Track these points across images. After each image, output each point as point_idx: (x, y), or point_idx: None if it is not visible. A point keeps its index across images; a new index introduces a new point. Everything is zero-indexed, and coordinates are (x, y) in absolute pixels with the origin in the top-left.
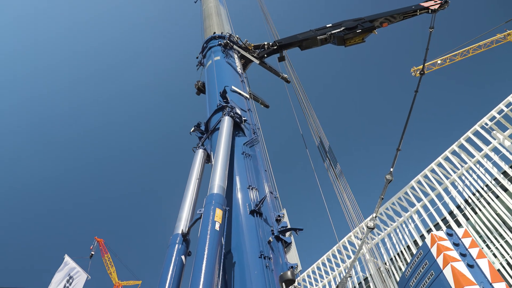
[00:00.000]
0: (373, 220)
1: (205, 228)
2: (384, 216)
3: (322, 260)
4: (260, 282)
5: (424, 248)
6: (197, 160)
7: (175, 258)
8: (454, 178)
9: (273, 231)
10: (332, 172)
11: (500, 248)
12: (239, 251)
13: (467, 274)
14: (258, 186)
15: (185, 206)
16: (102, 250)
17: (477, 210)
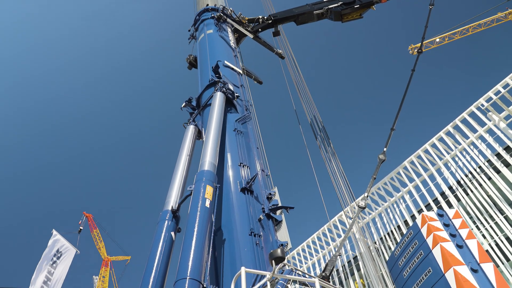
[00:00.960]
0: (365, 199)
1: (195, 205)
2: (376, 196)
3: (312, 239)
4: (250, 259)
5: (414, 228)
6: (188, 136)
7: (165, 235)
8: (448, 159)
9: (264, 209)
10: (324, 150)
11: (489, 229)
12: (229, 229)
13: (456, 254)
14: (249, 164)
15: (175, 182)
16: (91, 225)
17: (469, 192)
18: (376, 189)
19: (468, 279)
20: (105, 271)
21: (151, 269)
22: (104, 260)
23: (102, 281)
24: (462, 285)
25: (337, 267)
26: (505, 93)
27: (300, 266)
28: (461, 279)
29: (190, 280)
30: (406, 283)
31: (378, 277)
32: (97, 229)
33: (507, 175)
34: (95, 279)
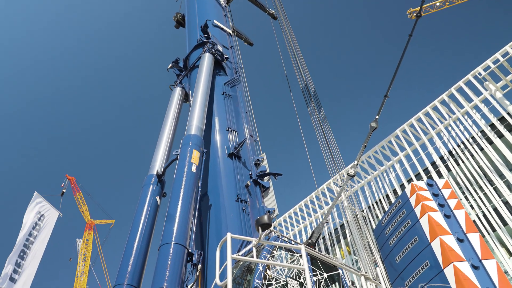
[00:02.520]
0: (354, 167)
1: (181, 169)
2: (366, 164)
3: (300, 206)
4: (236, 225)
5: (403, 197)
6: (174, 99)
7: (150, 199)
8: (441, 128)
9: (251, 175)
10: (315, 117)
11: (478, 200)
12: (216, 194)
13: (443, 224)
14: (237, 129)
15: (161, 146)
16: (74, 188)
17: (460, 162)
18: (366, 158)
19: (454, 248)
20: (88, 234)
21: (136, 234)
22: (88, 224)
23: (86, 244)
24: (447, 254)
25: (323, 235)
26: (503, 62)
27: (287, 233)
28: (447, 248)
29: (175, 244)
30: (391, 251)
31: (364, 245)
32: (80, 192)
33: (500, 146)
34: (79, 242)
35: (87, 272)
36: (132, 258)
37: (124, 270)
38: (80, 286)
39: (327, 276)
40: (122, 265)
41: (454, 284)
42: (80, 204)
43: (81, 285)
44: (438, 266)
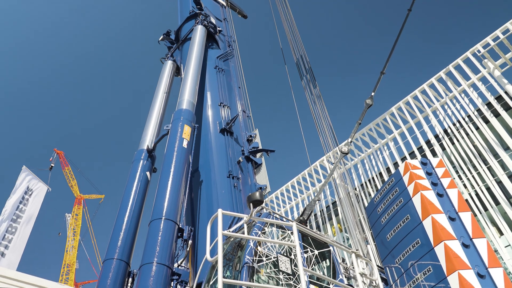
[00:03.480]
0: (348, 145)
1: (172, 144)
2: (360, 142)
3: (292, 183)
4: (227, 201)
5: (396, 175)
6: (166, 72)
7: (140, 174)
8: (437, 106)
9: (243, 151)
10: (309, 92)
11: (471, 179)
12: (207, 170)
13: (435, 203)
14: (230, 104)
15: (151, 120)
16: (63, 163)
17: (455, 141)
18: (360, 135)
19: (445, 227)
20: (78, 209)
21: (126, 209)
22: (77, 198)
23: (75, 218)
24: (439, 233)
25: (315, 212)
26: (503, 40)
27: (278, 209)
28: (439, 226)
29: (166, 220)
30: (383, 229)
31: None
32: (68, 167)
33: (496, 125)
34: (68, 217)
35: (77, 247)
36: (122, 233)
37: (114, 245)
38: (70, 260)
39: (318, 253)
40: (112, 240)
41: (444, 262)
42: (69, 179)
43: (70, 259)
44: (429, 244)
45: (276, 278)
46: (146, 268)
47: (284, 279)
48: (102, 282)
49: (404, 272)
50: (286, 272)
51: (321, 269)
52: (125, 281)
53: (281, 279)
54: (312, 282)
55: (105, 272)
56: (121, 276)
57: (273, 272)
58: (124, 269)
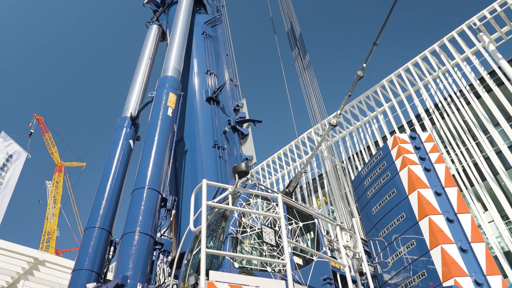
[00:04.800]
0: (337, 117)
1: (157, 112)
2: (349, 114)
3: (278, 154)
4: (212, 171)
5: (384, 149)
6: (150, 37)
7: (123, 142)
8: (429, 80)
9: (229, 121)
10: (299, 62)
11: (459, 154)
12: (192, 139)
13: (422, 177)
14: (217, 72)
15: (135, 87)
16: (42, 129)
17: (445, 116)
18: (349, 107)
19: (430, 202)
20: (58, 176)
21: (108, 177)
22: (58, 165)
23: (56, 186)
24: (424, 207)
25: (301, 184)
26: (500, 13)
27: (264, 181)
28: (424, 201)
29: (149, 189)
30: (368, 203)
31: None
32: (49, 133)
33: (487, 100)
34: (48, 184)
35: (57, 215)
36: (104, 202)
37: (96, 213)
38: (50, 228)
39: (302, 225)
40: (93, 208)
41: (428, 236)
42: (50, 146)
43: (51, 227)
44: (413, 219)
45: (260, 249)
46: (128, 237)
47: (267, 250)
48: (83, 250)
49: (387, 245)
50: (270, 244)
51: (305, 241)
52: (107, 249)
53: (264, 250)
54: (296, 253)
55: (87, 240)
56: (103, 244)
57: (257, 243)
58: (106, 237)
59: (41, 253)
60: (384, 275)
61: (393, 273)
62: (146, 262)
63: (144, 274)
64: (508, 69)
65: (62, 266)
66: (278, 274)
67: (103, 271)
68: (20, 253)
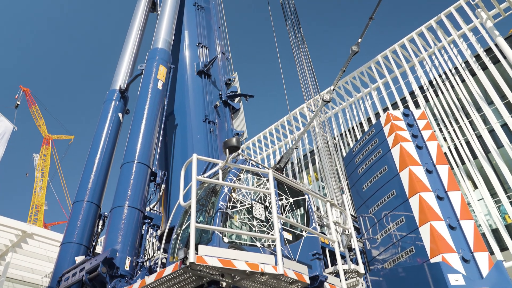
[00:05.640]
0: (330, 93)
1: (146, 85)
2: (342, 90)
3: (270, 130)
4: (202, 146)
5: (377, 126)
6: (140, 8)
7: (112, 115)
8: (424, 56)
9: (221, 95)
10: (293, 36)
11: (452, 132)
12: (182, 113)
13: (414, 155)
14: (209, 45)
15: (124, 59)
16: (29, 101)
17: (439, 93)
18: (343, 83)
19: (421, 179)
20: (46, 149)
21: (96, 151)
22: (45, 138)
23: (43, 159)
24: (415, 184)
25: (292, 160)
26: None
27: (255, 156)
28: (415, 178)
29: (138, 163)
30: (359, 179)
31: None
32: (36, 105)
33: (482, 78)
34: (36, 157)
35: (45, 188)
36: (92, 176)
37: (84, 187)
38: (38, 201)
39: (292, 201)
40: (82, 182)
41: (417, 213)
42: (37, 118)
43: (39, 200)
44: (404, 196)
45: (250, 224)
46: (117, 211)
47: (257, 226)
48: (71, 223)
49: (377, 221)
50: (260, 219)
51: (295, 216)
52: (96, 223)
53: (254, 225)
54: (286, 229)
55: (75, 214)
56: (92, 218)
57: (247, 218)
58: (94, 211)
59: (29, 226)
60: (372, 251)
61: (381, 249)
62: (135, 236)
63: (133, 248)
64: (504, 46)
65: (51, 239)
66: (267, 249)
67: (92, 244)
68: (8, 226)
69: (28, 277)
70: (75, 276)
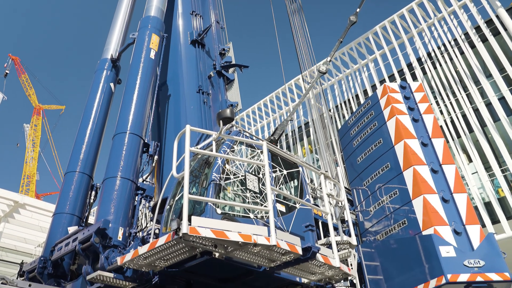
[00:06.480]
0: (327, 64)
1: (139, 54)
2: (339, 61)
3: (265, 101)
4: (196, 117)
5: (373, 98)
6: None
7: (103, 85)
8: (423, 27)
9: (215, 65)
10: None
11: (449, 105)
12: (176, 84)
13: (410, 128)
14: (203, 13)
15: (116, 27)
16: (19, 70)
17: (437, 65)
18: (340, 54)
19: (416, 152)
20: (36, 119)
21: (88, 121)
22: (36, 108)
23: (34, 129)
24: (409, 157)
25: (286, 132)
26: None
27: (249, 128)
28: (410, 151)
29: (130, 134)
30: (354, 152)
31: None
32: (25, 74)
33: (481, 51)
34: (26, 127)
35: (37, 158)
36: (84, 146)
37: (76, 157)
38: (30, 171)
39: (286, 173)
40: (73, 152)
41: (411, 186)
42: (26, 87)
43: (30, 170)
44: (398, 169)
45: (243, 196)
46: (109, 181)
47: (251, 197)
48: (64, 194)
49: (370, 194)
50: (253, 191)
51: (288, 189)
52: (88, 194)
53: (248, 197)
54: (279, 201)
55: (67, 184)
56: (84, 189)
57: (240, 190)
58: (86, 182)
59: (21, 197)
60: (365, 223)
61: (374, 221)
62: (128, 207)
63: (126, 219)
64: (505, 18)
65: (43, 210)
66: (260, 221)
67: (85, 215)
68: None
69: (21, 246)
70: (68, 246)
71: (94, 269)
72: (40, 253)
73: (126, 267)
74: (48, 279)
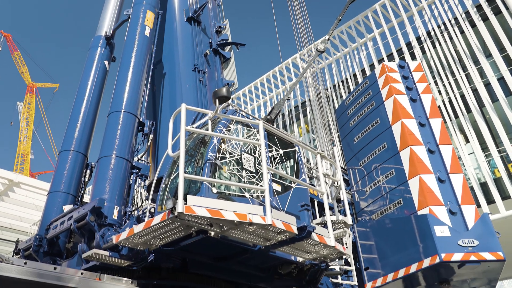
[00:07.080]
0: (325, 42)
1: (133, 32)
2: (337, 40)
3: (261, 80)
4: (192, 96)
5: (371, 77)
6: None
7: (98, 63)
8: (423, 5)
9: (211, 43)
10: None
11: (447, 85)
12: (171, 62)
13: (407, 108)
14: None
15: (110, 4)
16: (11, 47)
17: (437, 44)
18: (338, 32)
19: (413, 132)
20: (30, 97)
21: (82, 99)
22: (29, 86)
23: (28, 108)
24: (406, 138)
25: (283, 111)
26: None
27: (245, 107)
28: (407, 132)
29: (125, 113)
30: (351, 132)
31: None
32: (18, 52)
33: (482, 30)
34: (20, 105)
35: (31, 137)
36: (78, 125)
37: (70, 136)
38: (24, 150)
39: (282, 153)
40: (68, 131)
41: (407, 166)
42: (19, 65)
43: (24, 149)
44: (395, 149)
45: (239, 175)
46: (104, 160)
47: (246, 177)
48: (58, 172)
49: (366, 174)
50: (249, 170)
51: (284, 168)
52: (83, 172)
53: (243, 176)
54: (275, 180)
55: (62, 163)
56: (79, 167)
57: (236, 169)
58: (81, 161)
59: (16, 175)
60: (361, 202)
61: (370, 201)
62: (123, 186)
63: (121, 198)
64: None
65: (38, 188)
66: (256, 200)
67: (80, 193)
68: None
69: (17, 225)
70: (63, 224)
71: (90, 247)
72: (36, 231)
73: (122, 246)
74: (44, 257)
